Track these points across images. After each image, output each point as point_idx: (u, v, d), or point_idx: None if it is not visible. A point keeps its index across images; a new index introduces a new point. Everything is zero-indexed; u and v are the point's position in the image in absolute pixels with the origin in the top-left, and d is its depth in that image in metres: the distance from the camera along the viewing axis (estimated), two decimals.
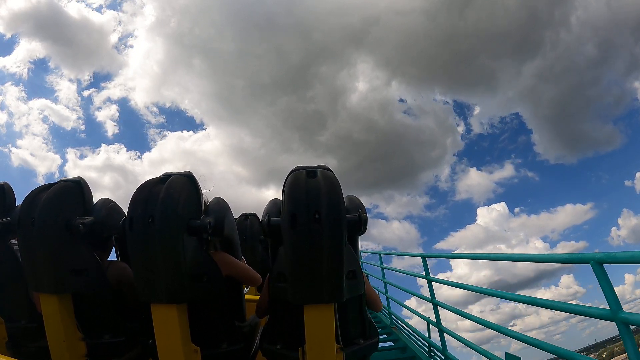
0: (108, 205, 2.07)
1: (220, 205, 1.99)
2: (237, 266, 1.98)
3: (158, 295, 1.70)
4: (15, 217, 1.96)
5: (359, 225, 1.76)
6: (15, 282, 2.06)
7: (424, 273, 5.55)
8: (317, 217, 1.59)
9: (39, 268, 1.83)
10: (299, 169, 1.76)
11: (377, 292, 2.26)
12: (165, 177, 1.77)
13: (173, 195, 1.69)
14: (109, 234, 2.11)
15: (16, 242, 2.09)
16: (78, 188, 1.94)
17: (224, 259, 1.93)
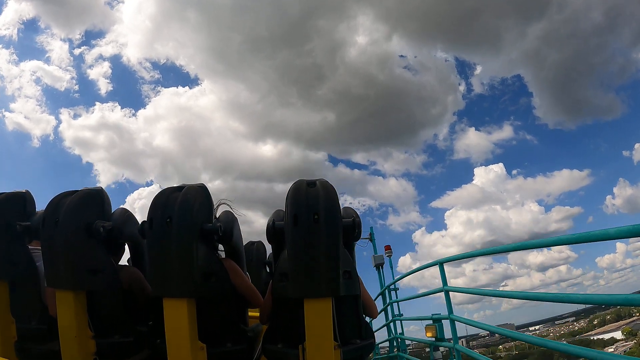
0: (125, 214, 2.26)
1: (229, 217, 2.22)
2: (242, 277, 2.14)
3: (171, 289, 1.88)
4: (35, 222, 2.16)
5: (353, 229, 1.98)
6: (29, 283, 2.19)
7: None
8: (316, 218, 1.83)
9: (59, 265, 1.98)
10: (300, 180, 2.02)
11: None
12: (182, 186, 2.02)
13: (189, 201, 1.93)
14: (124, 240, 2.29)
15: (34, 247, 2.24)
16: (99, 195, 2.15)
17: (231, 265, 2.10)
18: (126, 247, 2.39)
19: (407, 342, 7.80)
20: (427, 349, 7.04)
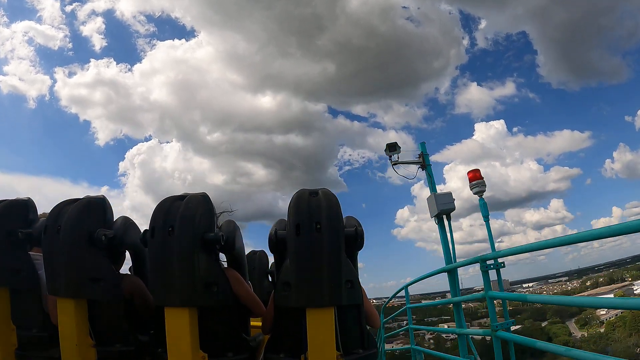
0: (127, 222, 2.26)
1: (231, 226, 2.21)
2: (245, 286, 2.14)
3: (172, 299, 1.88)
4: (37, 229, 2.16)
5: (356, 238, 1.98)
6: (31, 291, 2.20)
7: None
8: (318, 227, 1.84)
9: (60, 273, 1.98)
10: (302, 190, 2.02)
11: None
12: (184, 195, 2.02)
13: (191, 210, 1.93)
14: (125, 249, 2.29)
15: (36, 254, 2.24)
16: (101, 204, 2.15)
17: (234, 275, 2.10)
18: (127, 255, 2.39)
19: None
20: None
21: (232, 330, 2.03)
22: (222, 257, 2.21)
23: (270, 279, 3.83)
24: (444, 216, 6.53)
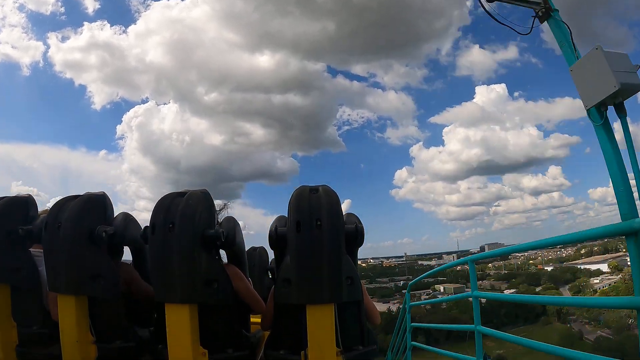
0: (127, 218, 2.28)
1: (231, 222, 2.21)
2: (245, 282, 2.15)
3: (173, 295, 1.89)
4: (37, 226, 2.16)
5: (356, 235, 1.99)
6: (31, 288, 2.20)
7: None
8: (318, 224, 1.85)
9: (61, 270, 1.99)
10: (302, 187, 2.02)
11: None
12: (184, 192, 2.02)
13: (191, 206, 1.94)
14: (125, 245, 2.31)
15: (36, 250, 2.23)
16: (102, 200, 2.16)
17: (234, 271, 2.11)
18: (128, 250, 2.41)
19: None
20: None
21: (232, 326, 2.05)
22: (223, 254, 2.21)
23: (270, 276, 3.81)
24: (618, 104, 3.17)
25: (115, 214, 2.26)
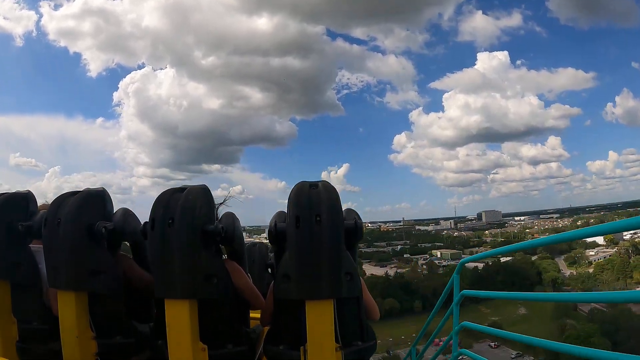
0: (127, 214, 2.27)
1: (230, 218, 2.21)
2: (244, 278, 2.15)
3: (173, 291, 1.89)
4: (37, 222, 2.16)
5: (355, 230, 1.99)
6: (31, 284, 2.21)
7: None
8: (318, 220, 1.85)
9: (60, 266, 2.00)
10: (302, 182, 2.02)
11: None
12: (184, 187, 2.02)
13: (191, 202, 1.94)
14: (125, 240, 2.32)
15: (36, 246, 2.24)
16: (101, 196, 2.17)
17: (234, 267, 2.11)
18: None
19: None
20: None
21: (232, 322, 2.06)
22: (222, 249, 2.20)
23: (270, 271, 3.85)
24: None
25: (115, 208, 2.26)
